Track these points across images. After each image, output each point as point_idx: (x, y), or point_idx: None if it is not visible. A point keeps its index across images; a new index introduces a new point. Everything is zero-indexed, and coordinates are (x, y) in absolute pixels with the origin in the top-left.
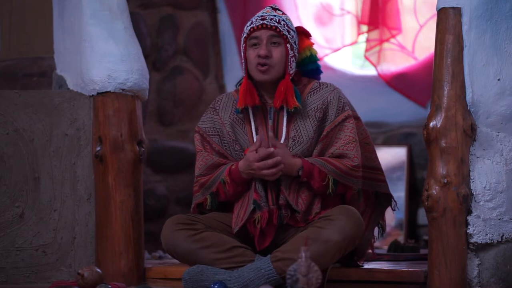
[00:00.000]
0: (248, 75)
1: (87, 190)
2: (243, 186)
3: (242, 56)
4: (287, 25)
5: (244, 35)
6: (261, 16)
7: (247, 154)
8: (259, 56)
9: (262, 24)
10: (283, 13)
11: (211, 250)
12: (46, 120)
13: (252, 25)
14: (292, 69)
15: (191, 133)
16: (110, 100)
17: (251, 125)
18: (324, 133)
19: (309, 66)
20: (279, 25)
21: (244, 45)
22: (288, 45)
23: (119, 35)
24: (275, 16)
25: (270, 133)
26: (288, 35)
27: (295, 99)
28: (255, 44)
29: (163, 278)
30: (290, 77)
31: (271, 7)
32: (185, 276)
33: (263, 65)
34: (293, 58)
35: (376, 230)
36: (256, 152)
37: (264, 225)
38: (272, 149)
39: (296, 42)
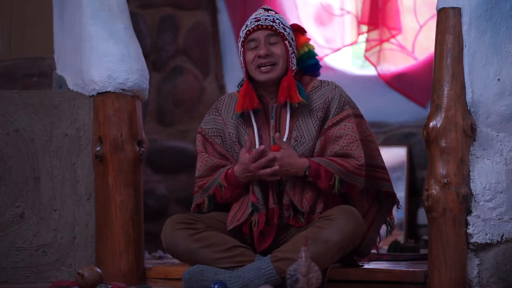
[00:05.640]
0: (249, 78)
1: (87, 190)
2: (241, 189)
3: (241, 60)
4: (282, 23)
5: (241, 40)
6: (255, 18)
7: (240, 157)
8: (258, 56)
9: (257, 26)
10: (276, 13)
11: (211, 250)
12: (46, 120)
13: (247, 28)
14: (294, 65)
15: (191, 133)
16: (110, 100)
17: (254, 127)
18: (323, 130)
19: (309, 61)
20: (274, 23)
21: (242, 49)
22: (286, 42)
23: (119, 35)
24: (268, 16)
25: (277, 134)
26: (285, 32)
27: (299, 95)
28: (253, 47)
29: (163, 278)
30: (293, 73)
31: (263, 8)
32: (185, 276)
33: (266, 65)
34: (293, 54)
35: (383, 228)
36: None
37: (261, 228)
38: (262, 147)
39: (293, 39)
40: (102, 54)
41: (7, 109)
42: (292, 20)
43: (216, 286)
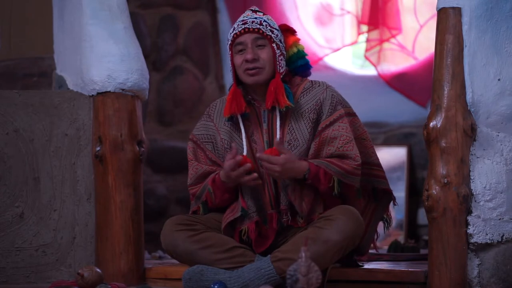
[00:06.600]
0: (238, 82)
1: (87, 190)
2: (230, 193)
3: (230, 63)
4: (269, 25)
5: (229, 42)
6: (243, 20)
7: (224, 163)
8: (246, 61)
9: (244, 29)
10: (264, 14)
11: (211, 251)
12: (46, 120)
13: (235, 31)
14: (282, 67)
15: (191, 133)
16: (110, 100)
17: (242, 132)
18: (317, 132)
19: (298, 62)
20: (261, 26)
21: (230, 52)
22: (274, 45)
23: (119, 35)
24: (256, 18)
25: (276, 139)
26: (272, 35)
27: (286, 98)
28: (241, 50)
29: (163, 278)
30: (281, 76)
31: (251, 10)
32: (185, 276)
33: (252, 68)
34: (281, 57)
35: (381, 225)
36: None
37: (253, 237)
38: (240, 157)
39: (282, 41)
40: (102, 54)
41: (7, 109)
42: (292, 20)
43: (216, 286)
